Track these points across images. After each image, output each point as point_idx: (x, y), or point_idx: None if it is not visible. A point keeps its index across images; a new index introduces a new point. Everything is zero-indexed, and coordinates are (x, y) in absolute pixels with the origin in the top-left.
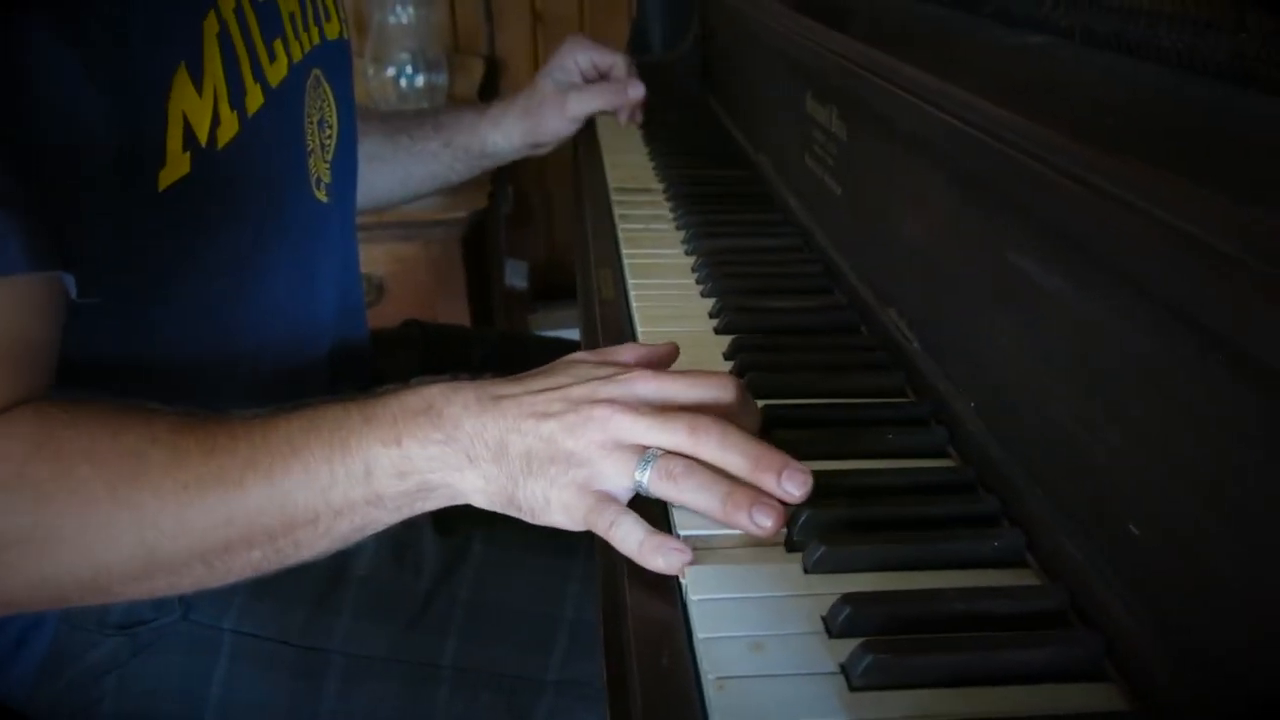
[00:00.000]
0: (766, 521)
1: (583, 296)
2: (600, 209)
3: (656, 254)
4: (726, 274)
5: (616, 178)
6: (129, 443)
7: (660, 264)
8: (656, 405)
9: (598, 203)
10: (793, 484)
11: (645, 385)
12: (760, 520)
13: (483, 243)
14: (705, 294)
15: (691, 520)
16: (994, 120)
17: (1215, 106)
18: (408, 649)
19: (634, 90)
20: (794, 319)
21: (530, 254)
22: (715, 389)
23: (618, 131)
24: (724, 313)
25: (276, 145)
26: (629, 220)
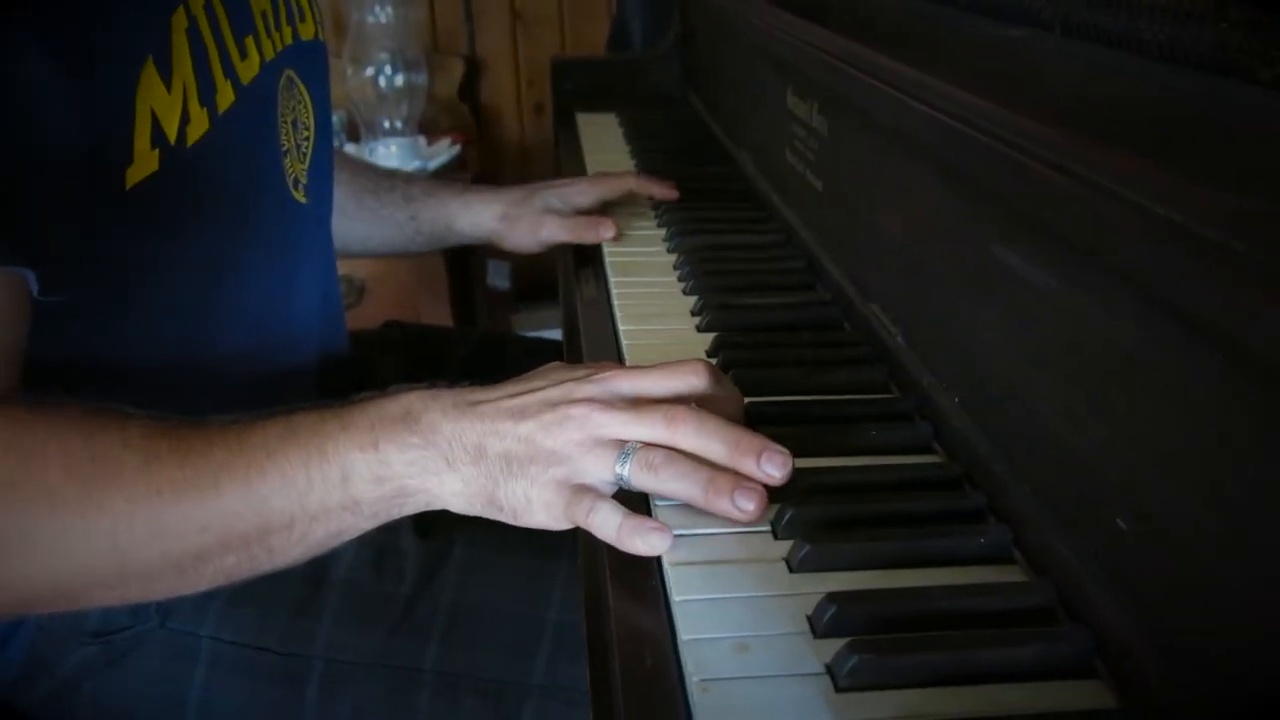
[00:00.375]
0: (749, 505)
1: (564, 295)
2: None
3: (638, 252)
4: (708, 271)
5: None
6: (101, 446)
7: (642, 262)
8: (632, 400)
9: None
10: (772, 465)
11: (619, 382)
12: (743, 504)
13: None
14: (687, 292)
15: (674, 519)
16: (976, 112)
17: (1198, 97)
18: (390, 654)
19: (603, 231)
20: (776, 316)
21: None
22: (689, 377)
23: (599, 129)
24: (706, 310)
25: (249, 144)
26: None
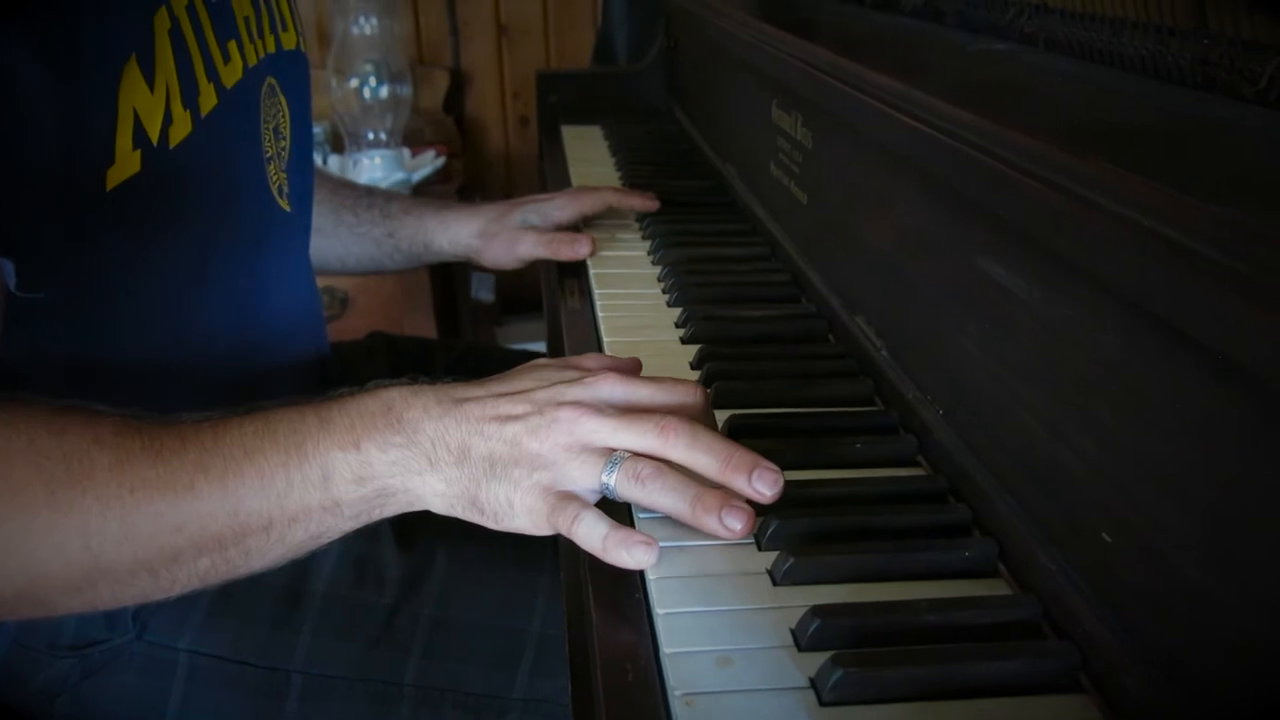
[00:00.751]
0: (736, 524)
1: (548, 307)
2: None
3: (622, 263)
4: (693, 283)
5: None
6: (71, 444)
7: (626, 274)
8: (622, 408)
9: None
10: (764, 483)
11: (611, 388)
12: (730, 522)
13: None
14: (672, 303)
15: (659, 531)
16: (963, 125)
17: (1181, 112)
18: (370, 667)
19: (580, 248)
20: (761, 328)
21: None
22: (681, 394)
23: (584, 142)
24: (691, 322)
25: (232, 149)
26: (594, 229)
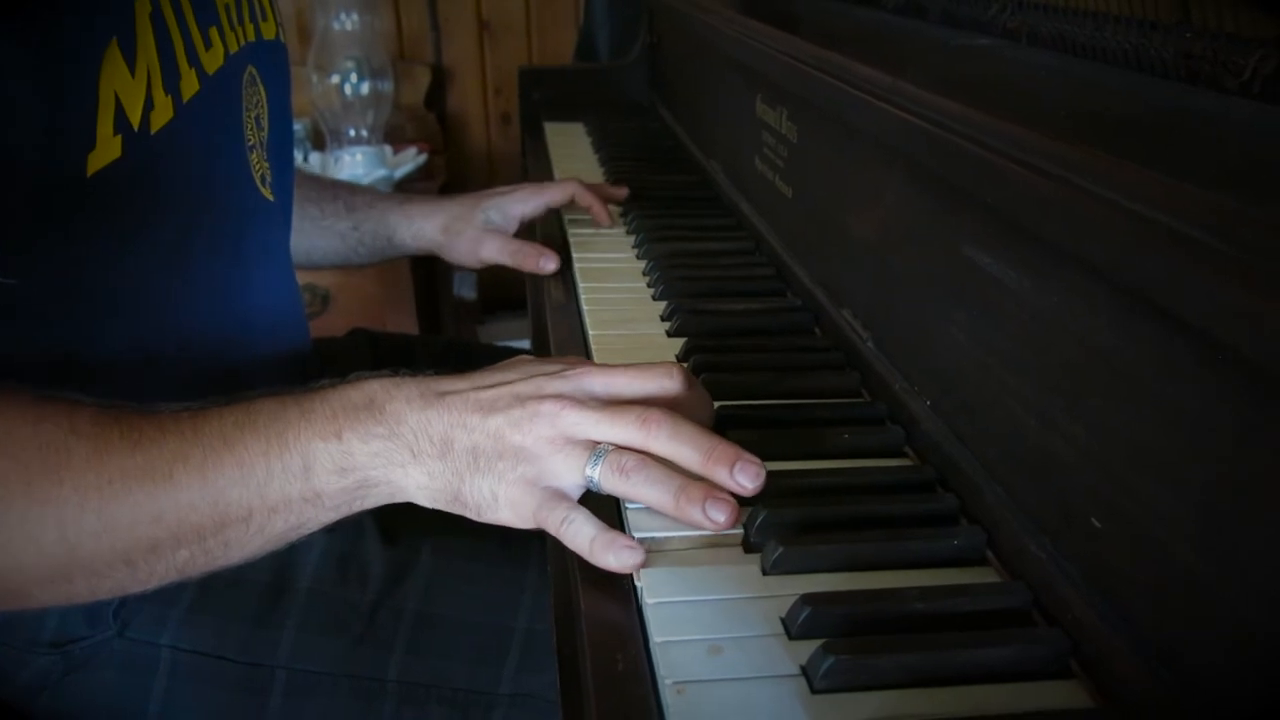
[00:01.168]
0: (720, 516)
1: (532, 301)
2: (549, 215)
3: (607, 258)
4: (678, 277)
5: None
6: (48, 434)
7: (611, 268)
8: (605, 400)
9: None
10: (745, 476)
11: (592, 380)
12: (714, 515)
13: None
14: (657, 297)
15: (646, 522)
16: (951, 114)
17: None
18: (354, 663)
19: (545, 263)
20: (747, 321)
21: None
22: (662, 380)
23: (567, 138)
24: (676, 315)
25: (214, 135)
26: (578, 225)
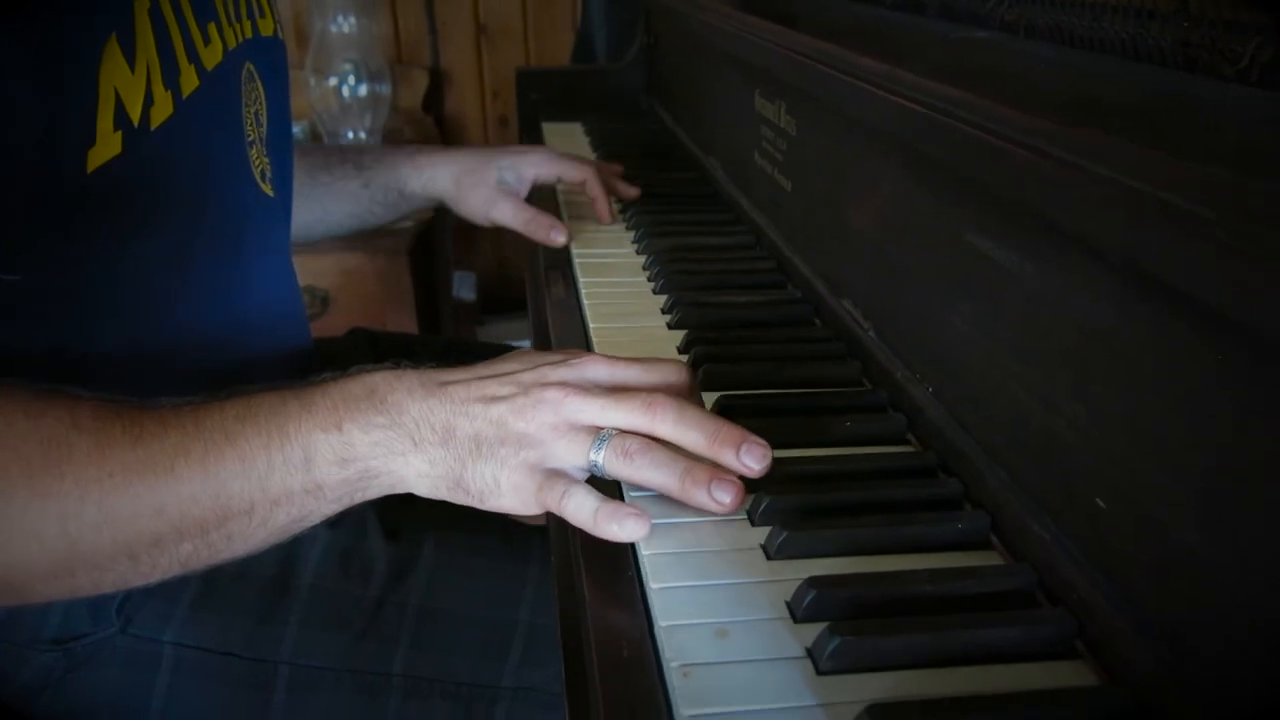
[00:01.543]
0: (726, 497)
1: (533, 295)
2: (549, 210)
3: (607, 254)
4: (678, 271)
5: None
6: (50, 428)
7: (611, 263)
8: (607, 388)
9: (546, 206)
10: (752, 457)
11: (596, 369)
12: (720, 496)
13: (430, 254)
14: (657, 291)
15: (650, 508)
16: (951, 100)
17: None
18: (358, 658)
19: (556, 235)
20: (747, 313)
21: (478, 266)
22: (667, 373)
23: (565, 137)
24: (677, 308)
25: (213, 131)
26: (578, 221)
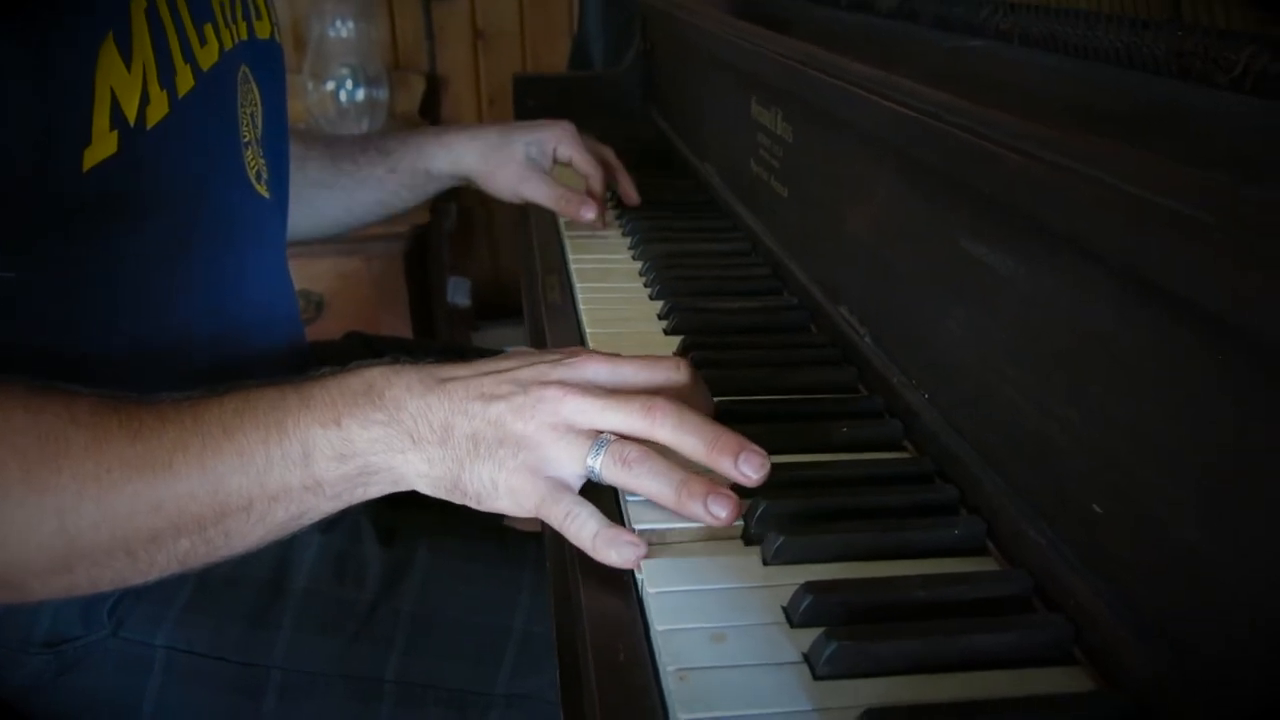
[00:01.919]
0: (722, 512)
1: (529, 301)
2: (545, 218)
3: (603, 259)
4: (675, 277)
5: None
6: (47, 423)
7: (607, 269)
8: (608, 388)
9: (542, 212)
10: (750, 466)
11: (596, 368)
12: (716, 510)
13: (425, 259)
14: (654, 296)
15: (646, 514)
16: (946, 106)
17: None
18: (351, 663)
19: (587, 212)
20: (744, 319)
21: (473, 272)
22: (668, 371)
23: None
24: (674, 314)
25: (209, 132)
26: (575, 227)
